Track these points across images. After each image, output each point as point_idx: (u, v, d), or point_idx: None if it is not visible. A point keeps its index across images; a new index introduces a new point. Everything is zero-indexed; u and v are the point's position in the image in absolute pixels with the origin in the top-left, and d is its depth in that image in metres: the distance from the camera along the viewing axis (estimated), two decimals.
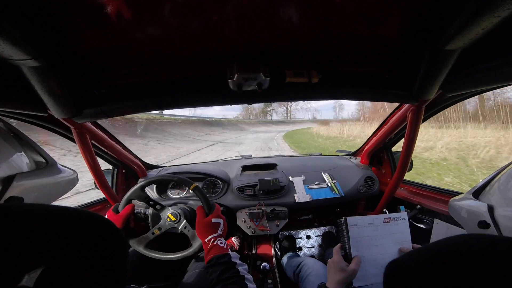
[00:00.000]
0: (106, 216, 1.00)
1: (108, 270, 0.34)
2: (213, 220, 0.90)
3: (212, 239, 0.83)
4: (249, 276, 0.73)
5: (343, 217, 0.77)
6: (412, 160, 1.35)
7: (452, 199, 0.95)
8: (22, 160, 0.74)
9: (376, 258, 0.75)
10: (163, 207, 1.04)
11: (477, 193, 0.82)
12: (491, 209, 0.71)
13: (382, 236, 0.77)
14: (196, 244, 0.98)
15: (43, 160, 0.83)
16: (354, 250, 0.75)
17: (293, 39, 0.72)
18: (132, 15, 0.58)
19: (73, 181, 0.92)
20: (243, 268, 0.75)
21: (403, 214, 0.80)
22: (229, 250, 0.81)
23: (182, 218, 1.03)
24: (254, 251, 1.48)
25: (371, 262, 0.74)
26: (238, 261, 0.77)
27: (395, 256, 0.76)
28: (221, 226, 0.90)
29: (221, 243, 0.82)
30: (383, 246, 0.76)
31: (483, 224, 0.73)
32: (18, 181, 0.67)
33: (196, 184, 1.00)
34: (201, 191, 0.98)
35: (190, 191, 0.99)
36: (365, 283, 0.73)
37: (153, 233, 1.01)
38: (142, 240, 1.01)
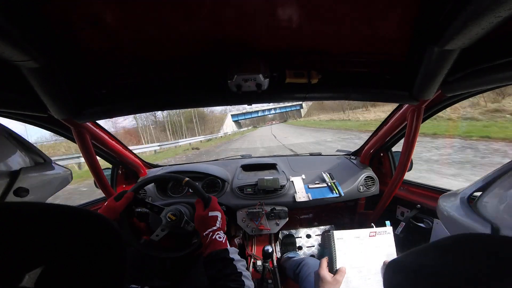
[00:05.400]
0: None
1: (107, 270, 0.34)
2: (210, 213, 0.89)
3: (211, 234, 0.82)
4: (246, 273, 0.73)
5: (330, 231, 0.80)
6: (412, 160, 1.34)
7: (441, 198, 0.82)
8: (23, 158, 0.79)
9: (361, 270, 0.77)
10: (161, 209, 1.05)
11: (473, 199, 0.70)
12: (496, 232, 0.57)
13: (368, 249, 0.78)
14: (199, 238, 0.98)
15: (41, 159, 0.86)
16: (340, 262, 0.76)
17: (293, 39, 0.71)
18: (132, 15, 0.58)
19: (67, 179, 0.96)
20: (241, 264, 0.75)
21: (389, 229, 0.82)
22: (227, 244, 0.81)
23: (182, 216, 1.03)
24: (254, 251, 1.48)
25: (355, 274, 0.76)
26: (236, 257, 0.77)
27: (380, 269, 0.77)
28: (219, 219, 0.88)
29: (219, 237, 0.81)
30: (368, 259, 0.78)
31: None
32: (23, 174, 0.72)
33: (187, 178, 0.99)
34: (194, 185, 0.97)
35: (183, 185, 1.01)
36: None
37: (157, 235, 1.01)
38: (150, 244, 1.01)
